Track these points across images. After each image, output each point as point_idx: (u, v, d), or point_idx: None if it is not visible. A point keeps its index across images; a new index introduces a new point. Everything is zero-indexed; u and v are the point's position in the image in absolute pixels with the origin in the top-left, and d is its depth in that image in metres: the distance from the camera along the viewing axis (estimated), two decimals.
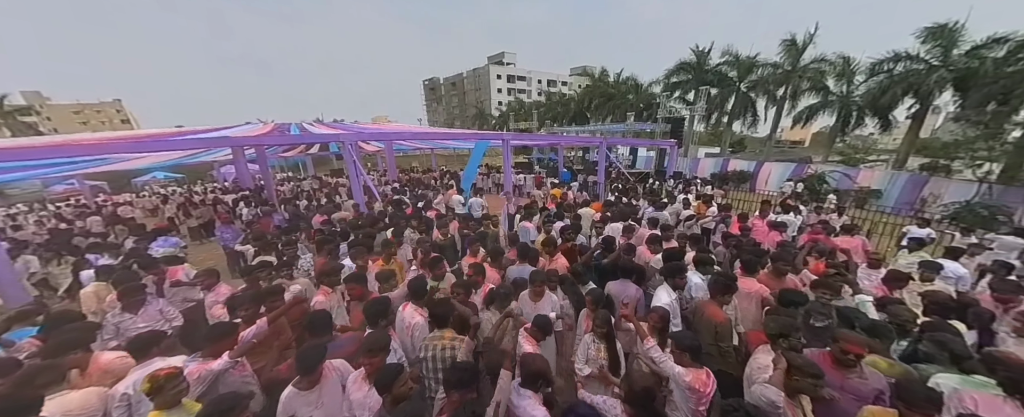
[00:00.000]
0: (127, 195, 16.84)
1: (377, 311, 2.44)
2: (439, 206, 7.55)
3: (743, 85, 20.40)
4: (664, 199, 7.67)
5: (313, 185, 14.63)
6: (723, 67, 20.60)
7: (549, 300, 2.99)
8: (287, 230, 5.43)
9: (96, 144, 6.67)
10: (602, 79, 30.47)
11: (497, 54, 57.94)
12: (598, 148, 12.45)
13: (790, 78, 18.42)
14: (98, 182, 18.22)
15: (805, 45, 17.78)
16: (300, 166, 23.77)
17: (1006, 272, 3.58)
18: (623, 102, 25.97)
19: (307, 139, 11.48)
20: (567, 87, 55.32)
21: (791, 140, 45.38)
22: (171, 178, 21.73)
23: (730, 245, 4.41)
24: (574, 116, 31.56)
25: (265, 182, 10.72)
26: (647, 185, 12.48)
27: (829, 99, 17.91)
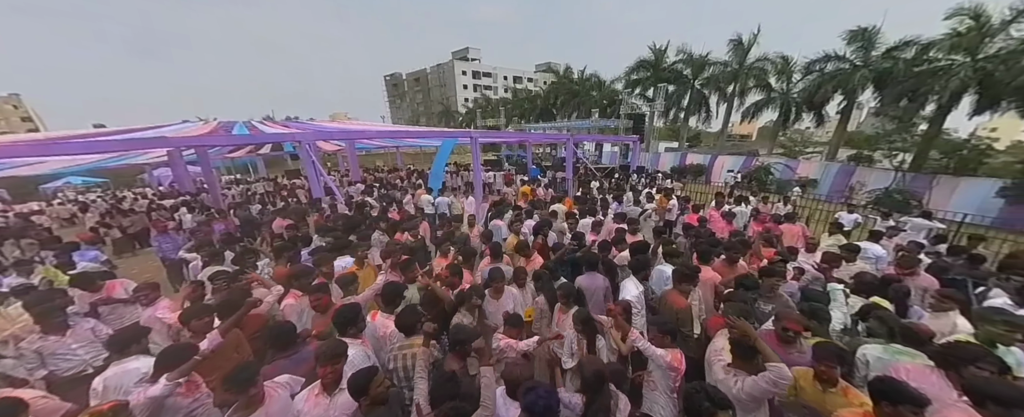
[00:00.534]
0: (35, 204, 14.63)
1: (347, 319, 2.33)
2: (408, 207, 7.29)
3: (697, 82, 21.61)
4: (627, 192, 7.97)
5: (267, 188, 13.58)
6: (679, 65, 21.67)
7: (510, 296, 3.07)
8: (235, 239, 4.97)
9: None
10: (567, 76, 30.97)
11: (461, 49, 56.94)
12: (565, 145, 12.64)
13: (738, 76, 19.78)
14: None
15: (750, 45, 19.15)
16: (249, 167, 21.95)
17: (917, 251, 4.09)
18: (587, 99, 26.58)
19: (260, 139, 10.59)
20: (533, 84, 55.62)
21: (740, 134, 48.92)
22: (90, 183, 19.18)
23: (690, 236, 4.64)
24: (541, 113, 31.86)
25: (209, 186, 9.77)
26: (612, 180, 12.90)
27: (772, 96, 19.47)
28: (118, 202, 11.92)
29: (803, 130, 27.02)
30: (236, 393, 1.77)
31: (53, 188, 18.09)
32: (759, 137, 41.12)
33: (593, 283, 3.37)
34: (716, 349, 2.25)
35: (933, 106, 12.58)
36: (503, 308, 2.91)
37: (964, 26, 11.38)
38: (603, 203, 6.49)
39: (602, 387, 1.83)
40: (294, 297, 3.00)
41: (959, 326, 2.49)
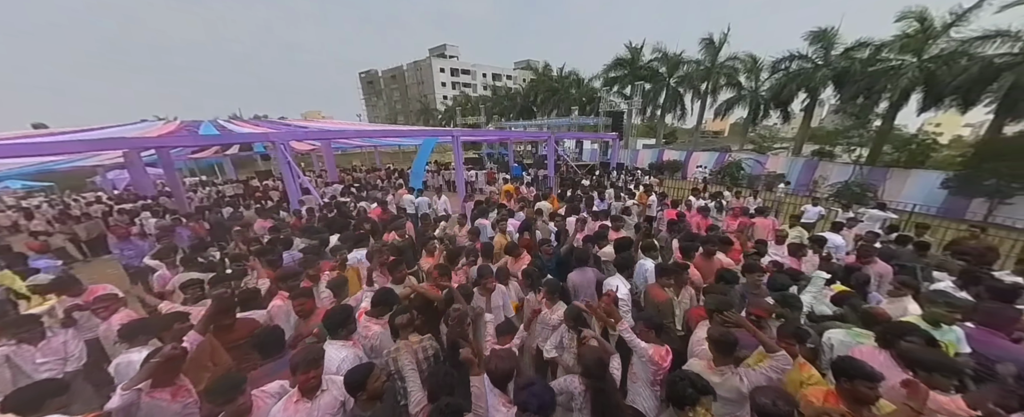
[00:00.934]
0: None
1: (339, 320, 2.30)
2: (391, 207, 7.16)
3: (672, 80, 22.27)
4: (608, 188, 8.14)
5: (236, 190, 12.92)
6: (655, 63, 22.25)
7: (500, 293, 3.10)
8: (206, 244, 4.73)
9: None
10: (546, 74, 31.15)
11: (439, 46, 56.02)
12: (547, 143, 12.73)
13: (710, 74, 20.53)
14: None
15: (721, 44, 19.90)
16: (216, 168, 20.79)
17: (873, 241, 4.41)
18: (567, 96, 26.86)
19: (231, 139, 10.04)
20: (512, 81, 55.55)
21: (714, 131, 50.82)
22: (31, 187, 17.56)
23: (672, 232, 4.80)
24: (521, 110, 31.90)
25: (172, 188, 9.20)
26: (593, 177, 13.13)
27: (742, 93, 20.35)
28: (67, 208, 11.01)
29: (771, 126, 28.42)
30: (222, 404, 1.70)
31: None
32: (731, 133, 42.87)
33: (584, 278, 3.43)
34: (698, 339, 2.35)
35: (886, 103, 13.55)
36: (494, 304, 2.96)
37: (912, 28, 12.30)
38: (588, 200, 6.60)
39: (604, 372, 1.91)
40: (282, 298, 2.91)
41: (910, 310, 2.70)
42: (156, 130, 9.70)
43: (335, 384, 1.93)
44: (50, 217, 9.69)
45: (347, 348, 2.29)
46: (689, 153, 18.25)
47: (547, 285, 2.90)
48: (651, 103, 23.33)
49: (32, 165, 10.61)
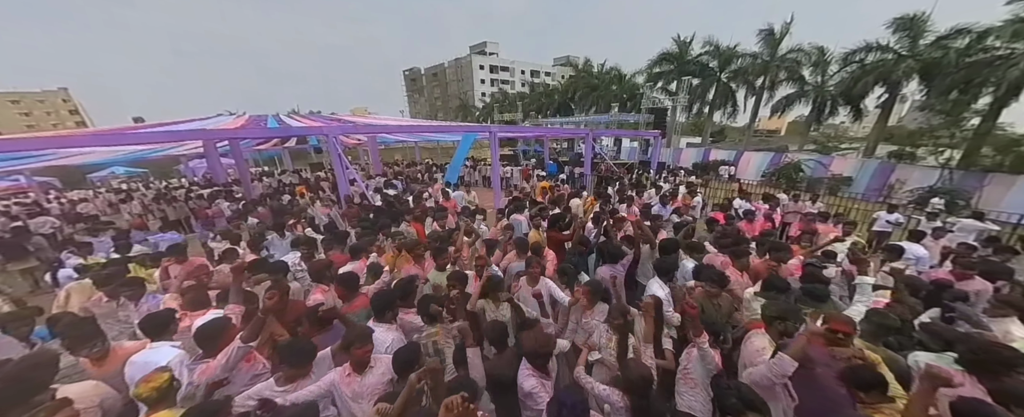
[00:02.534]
0: (83, 192, 15.72)
1: (386, 304, 2.45)
2: (429, 200, 7.43)
3: (724, 75, 20.81)
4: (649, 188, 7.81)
5: (292, 180, 14.07)
6: (704, 57, 20.90)
7: (544, 285, 3.04)
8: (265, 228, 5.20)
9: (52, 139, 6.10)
10: (585, 70, 30.44)
11: (479, 44, 56.82)
12: (584, 140, 12.47)
13: (768, 68, 18.90)
14: (47, 178, 16.92)
15: (782, 35, 18.22)
16: (276, 160, 22.78)
17: (969, 253, 3.83)
18: (607, 93, 26.08)
19: (288, 132, 10.98)
20: (551, 78, 54.99)
21: (768, 130, 46.96)
22: (132, 173, 20.39)
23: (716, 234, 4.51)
24: (559, 107, 31.50)
25: (241, 176, 10.22)
26: (632, 176, 12.66)
27: (805, 89, 18.53)
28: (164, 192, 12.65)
29: (838, 125, 25.67)
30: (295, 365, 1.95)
31: (98, 177, 19.37)
32: (789, 132, 39.32)
33: (614, 274, 3.37)
34: (756, 349, 2.18)
35: (987, 99, 11.65)
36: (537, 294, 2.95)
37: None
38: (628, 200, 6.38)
39: (647, 391, 1.81)
40: (321, 292, 3.03)
41: (1013, 333, 2.32)
42: (230, 123, 10.80)
43: (382, 363, 2.06)
44: (144, 200, 11.18)
45: (393, 331, 2.42)
46: (739, 153, 16.98)
47: (591, 285, 2.82)
48: (698, 100, 21.98)
49: (131, 153, 12.31)
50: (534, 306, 2.95)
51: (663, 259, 3.23)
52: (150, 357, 2.10)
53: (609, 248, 3.58)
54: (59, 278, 3.98)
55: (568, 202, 6.49)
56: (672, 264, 3.15)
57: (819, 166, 13.81)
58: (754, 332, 2.36)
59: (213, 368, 1.96)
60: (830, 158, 14.40)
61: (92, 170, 18.84)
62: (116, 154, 12.16)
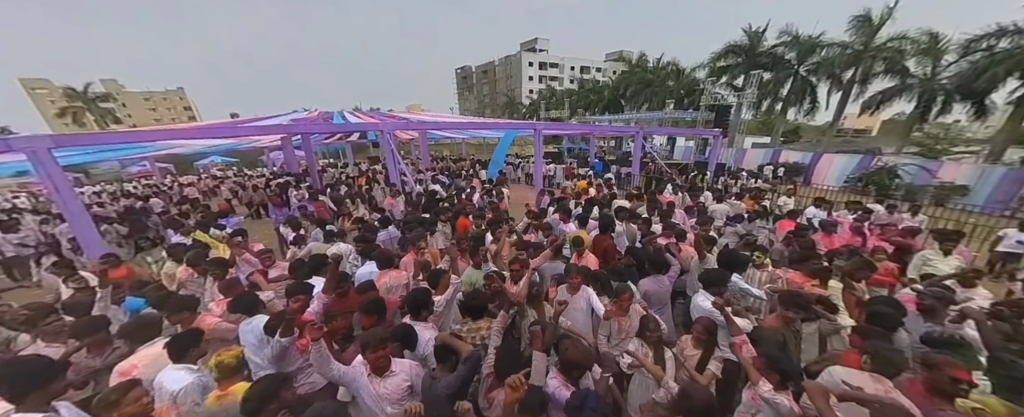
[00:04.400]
0: (190, 177, 18.61)
1: (419, 302, 2.46)
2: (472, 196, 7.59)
3: (803, 68, 18.46)
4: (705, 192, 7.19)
5: (352, 173, 15.29)
6: (780, 48, 18.72)
7: (584, 294, 2.87)
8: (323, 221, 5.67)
9: (164, 132, 7.33)
10: (640, 64, 28.89)
11: (530, 40, 56.65)
12: (634, 138, 11.86)
13: (861, 59, 16.37)
14: (166, 164, 20.24)
15: (882, 21, 15.65)
16: (340, 152, 24.94)
17: None
18: (662, 89, 24.54)
19: (349, 128, 11.96)
20: (601, 73, 53.13)
21: (855, 129, 40.91)
22: (226, 162, 23.64)
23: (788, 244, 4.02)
24: (608, 104, 30.35)
25: (310, 168, 11.33)
26: (685, 177, 11.79)
27: (907, 82, 15.76)
28: (244, 180, 14.52)
29: (950, 124, 21.53)
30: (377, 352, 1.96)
31: (202, 165, 22.75)
32: (883, 132, 33.83)
33: (659, 287, 3.14)
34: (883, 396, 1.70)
35: None
36: (576, 305, 2.76)
37: None
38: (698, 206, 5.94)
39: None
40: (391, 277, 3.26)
41: None
42: (303, 119, 12.02)
43: (404, 369, 2.00)
44: (230, 187, 12.91)
45: (429, 329, 2.45)
46: (817, 155, 14.97)
47: (627, 291, 2.67)
48: (770, 95, 19.77)
49: (225, 145, 14.26)
50: (572, 317, 2.78)
51: (710, 272, 2.91)
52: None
53: (650, 257, 3.35)
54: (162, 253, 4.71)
55: (613, 203, 6.23)
56: (721, 277, 2.81)
57: (922, 172, 11.68)
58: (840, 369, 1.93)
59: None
60: (938, 163, 12.10)
61: (197, 158, 22.18)
62: (214, 145, 14.18)
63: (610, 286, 3.07)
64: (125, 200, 11.01)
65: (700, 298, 2.73)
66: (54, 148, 4.30)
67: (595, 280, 3.04)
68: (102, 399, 1.69)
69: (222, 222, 5.87)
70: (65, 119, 28.70)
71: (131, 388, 1.74)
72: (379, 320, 2.55)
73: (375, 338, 1.96)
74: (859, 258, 3.22)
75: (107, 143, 7.02)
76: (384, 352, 1.95)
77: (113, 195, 12.42)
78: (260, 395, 1.61)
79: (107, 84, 47.21)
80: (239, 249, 4.13)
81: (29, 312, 2.70)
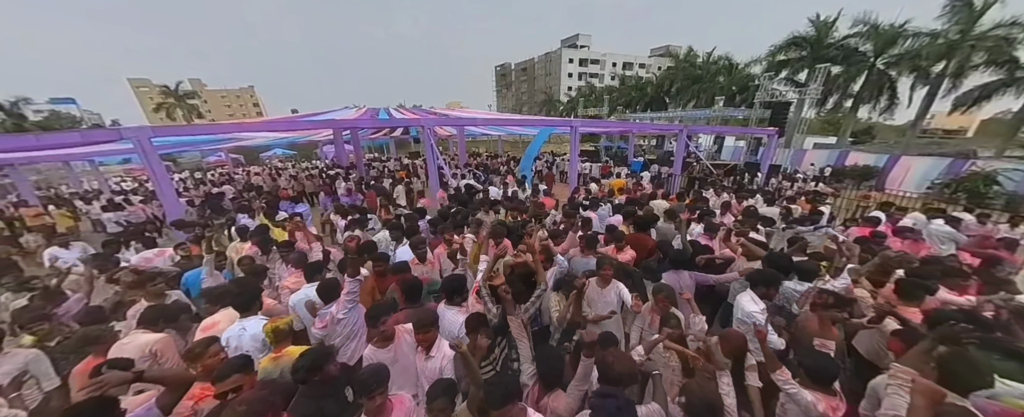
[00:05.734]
0: (256, 167, 20.70)
1: (457, 287, 2.59)
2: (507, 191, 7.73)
3: (880, 61, 16.43)
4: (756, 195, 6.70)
5: (393, 167, 16.13)
6: (853, 39, 16.80)
7: (615, 288, 2.86)
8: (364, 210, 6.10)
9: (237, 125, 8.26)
10: (688, 60, 27.40)
11: (571, 36, 55.75)
12: (677, 136, 11.32)
13: (956, 50, 14.23)
14: (237, 155, 22.66)
15: (986, 5, 13.47)
16: (384, 148, 26.37)
17: None
18: (711, 85, 23.11)
19: (393, 123, 12.64)
20: (645, 70, 51.03)
21: (945, 129, 35.64)
22: (286, 154, 25.95)
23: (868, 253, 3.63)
24: (651, 101, 29.15)
25: (357, 161, 12.14)
26: (733, 179, 11.06)
27: (1016, 75, 13.45)
28: (298, 172, 15.89)
29: None
30: (372, 324, 2.19)
31: (266, 156, 25.16)
32: (983, 133, 29.14)
33: (677, 281, 3.04)
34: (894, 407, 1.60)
35: None
36: (606, 298, 2.76)
37: None
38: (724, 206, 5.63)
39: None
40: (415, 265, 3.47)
41: None
42: (352, 115, 12.88)
43: (442, 352, 2.09)
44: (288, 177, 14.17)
45: (462, 313, 2.53)
46: (893, 157, 13.29)
47: (664, 291, 2.61)
48: (838, 91, 17.86)
49: (286, 138, 15.66)
50: (602, 311, 2.78)
51: (761, 272, 2.76)
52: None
53: (675, 253, 3.25)
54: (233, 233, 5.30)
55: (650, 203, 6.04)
56: (772, 278, 2.66)
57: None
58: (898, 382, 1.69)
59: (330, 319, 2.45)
60: None
61: (263, 150, 24.60)
62: (277, 138, 15.65)
63: (642, 284, 3.05)
64: (203, 187, 12.55)
65: (745, 298, 2.58)
66: (153, 137, 5.04)
67: (627, 276, 3.02)
68: (190, 351, 2.01)
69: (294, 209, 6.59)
70: (160, 114, 33.12)
71: (211, 344, 2.04)
72: (414, 300, 2.75)
73: (426, 319, 2.09)
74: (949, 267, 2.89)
75: (193, 134, 8.08)
76: (433, 332, 2.10)
77: (196, 181, 14.21)
78: (308, 366, 1.81)
79: (193, 83, 53.57)
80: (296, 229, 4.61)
81: (137, 276, 3.24)
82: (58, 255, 4.60)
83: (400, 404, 1.76)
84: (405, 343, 2.30)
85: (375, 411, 1.63)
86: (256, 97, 64.58)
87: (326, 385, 1.85)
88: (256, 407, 1.40)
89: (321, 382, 1.82)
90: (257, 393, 1.51)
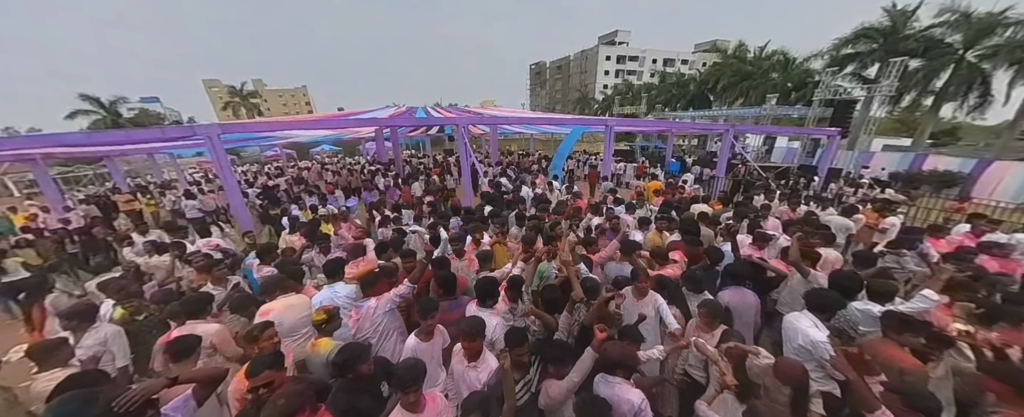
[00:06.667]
0: (306, 162, 22.26)
1: (490, 290, 2.57)
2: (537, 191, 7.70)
3: (971, 54, 14.36)
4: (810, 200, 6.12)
5: (428, 164, 16.63)
6: (937, 30, 14.82)
7: (652, 301, 2.69)
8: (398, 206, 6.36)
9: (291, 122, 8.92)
10: (737, 55, 25.59)
11: (609, 33, 54.19)
12: (723, 136, 10.62)
13: None
14: (290, 151, 24.48)
15: None
16: (420, 145, 27.28)
17: None
18: (763, 82, 21.43)
19: (430, 122, 13.01)
20: (687, 66, 48.43)
21: None
22: (332, 150, 27.64)
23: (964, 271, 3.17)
24: (693, 99, 27.64)
25: (396, 158, 12.66)
26: (785, 182, 10.20)
27: None
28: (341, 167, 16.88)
29: None
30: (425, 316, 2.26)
31: (315, 152, 26.96)
32: None
33: (742, 300, 2.79)
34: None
35: None
36: (644, 310, 2.61)
37: None
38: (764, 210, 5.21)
39: None
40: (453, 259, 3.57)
41: None
42: (392, 113, 13.44)
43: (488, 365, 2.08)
44: (333, 171, 15.08)
45: (496, 316, 2.53)
46: (984, 162, 11.59)
47: (706, 306, 2.46)
48: (916, 87, 15.85)
49: (333, 135, 16.66)
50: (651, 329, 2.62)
51: (822, 295, 2.42)
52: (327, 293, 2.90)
53: (733, 268, 3.03)
54: (284, 223, 5.78)
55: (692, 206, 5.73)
56: (835, 302, 2.36)
57: None
58: None
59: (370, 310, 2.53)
60: None
61: (312, 146, 26.39)
62: (325, 135, 16.70)
63: (680, 296, 2.87)
64: (261, 178, 13.72)
65: (806, 323, 2.25)
66: (222, 134, 5.57)
67: (662, 288, 2.81)
68: (247, 333, 2.18)
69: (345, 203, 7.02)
70: (227, 111, 36.63)
71: (267, 327, 2.20)
72: (450, 294, 2.83)
73: (474, 328, 2.06)
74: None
75: (255, 131, 8.84)
76: (478, 344, 2.07)
77: (255, 173, 15.57)
78: (344, 362, 1.84)
79: (255, 83, 58.53)
80: (338, 224, 4.92)
81: (205, 260, 3.61)
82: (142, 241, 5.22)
83: (433, 401, 1.80)
84: (440, 341, 2.37)
85: (410, 406, 1.68)
86: (308, 96, 69.36)
87: (361, 381, 1.89)
88: (294, 400, 1.46)
89: (356, 378, 1.87)
90: (295, 387, 1.59)
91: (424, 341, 2.28)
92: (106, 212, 8.40)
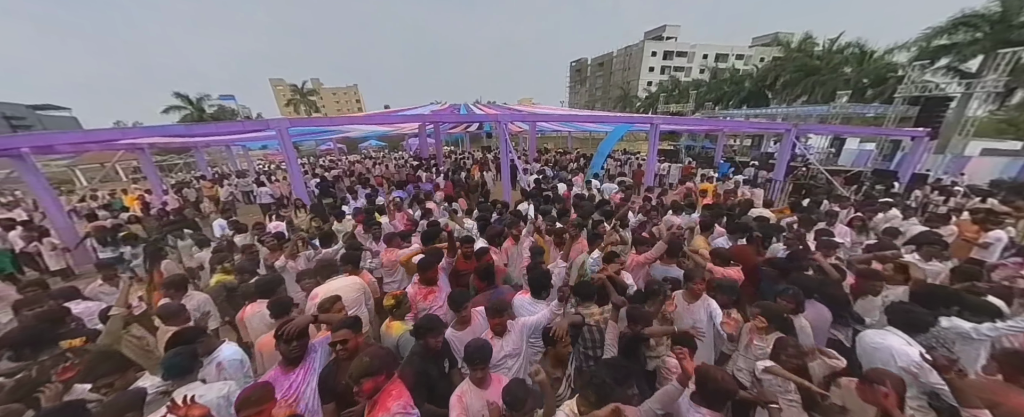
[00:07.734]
0: (355, 156, 23.81)
1: (543, 282, 2.69)
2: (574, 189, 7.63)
3: None
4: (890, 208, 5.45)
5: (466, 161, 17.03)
6: None
7: (705, 304, 2.61)
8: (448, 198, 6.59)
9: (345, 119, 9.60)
10: (802, 49, 23.34)
11: (657, 28, 51.78)
12: (783, 136, 9.77)
13: None
14: (341, 145, 26.28)
15: None
16: (459, 141, 28.01)
17: None
18: (832, 77, 19.38)
19: (473, 119, 13.39)
20: (743, 61, 44.91)
21: None
22: (379, 145, 29.26)
23: None
24: (747, 96, 25.66)
25: (437, 154, 13.14)
26: (859, 188, 9.18)
27: None
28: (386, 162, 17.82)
29: None
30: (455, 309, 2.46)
31: (364, 147, 28.69)
32: None
33: (817, 316, 2.57)
34: None
35: None
36: (695, 315, 2.55)
37: None
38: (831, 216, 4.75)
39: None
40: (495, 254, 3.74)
41: None
42: (435, 110, 13.96)
43: (516, 329, 2.32)
44: (383, 163, 15.95)
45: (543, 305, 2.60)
46: None
47: (763, 308, 2.34)
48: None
49: (379, 131, 17.64)
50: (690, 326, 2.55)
51: (909, 311, 2.19)
52: None
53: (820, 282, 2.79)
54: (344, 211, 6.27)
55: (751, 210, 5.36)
56: (921, 321, 2.14)
57: None
58: None
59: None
60: None
61: (362, 141, 28.15)
62: (371, 131, 17.74)
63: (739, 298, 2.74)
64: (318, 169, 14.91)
65: (899, 341, 1.99)
66: (290, 127, 6.15)
67: (721, 289, 2.66)
68: (322, 304, 2.48)
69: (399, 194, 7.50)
70: (289, 108, 40.12)
71: (336, 301, 2.51)
72: (489, 284, 2.98)
73: (499, 306, 2.30)
74: None
75: (317, 125, 9.67)
76: (503, 318, 2.30)
77: (311, 165, 16.96)
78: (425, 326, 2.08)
79: (313, 82, 63.37)
80: (394, 214, 5.26)
81: (276, 241, 4.05)
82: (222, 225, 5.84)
83: (498, 382, 1.90)
84: (479, 325, 2.47)
85: (478, 381, 1.86)
86: (359, 94, 73.87)
87: (430, 352, 2.12)
88: (377, 362, 1.68)
89: (426, 348, 2.09)
90: (380, 351, 1.81)
91: (460, 330, 2.40)
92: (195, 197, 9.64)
